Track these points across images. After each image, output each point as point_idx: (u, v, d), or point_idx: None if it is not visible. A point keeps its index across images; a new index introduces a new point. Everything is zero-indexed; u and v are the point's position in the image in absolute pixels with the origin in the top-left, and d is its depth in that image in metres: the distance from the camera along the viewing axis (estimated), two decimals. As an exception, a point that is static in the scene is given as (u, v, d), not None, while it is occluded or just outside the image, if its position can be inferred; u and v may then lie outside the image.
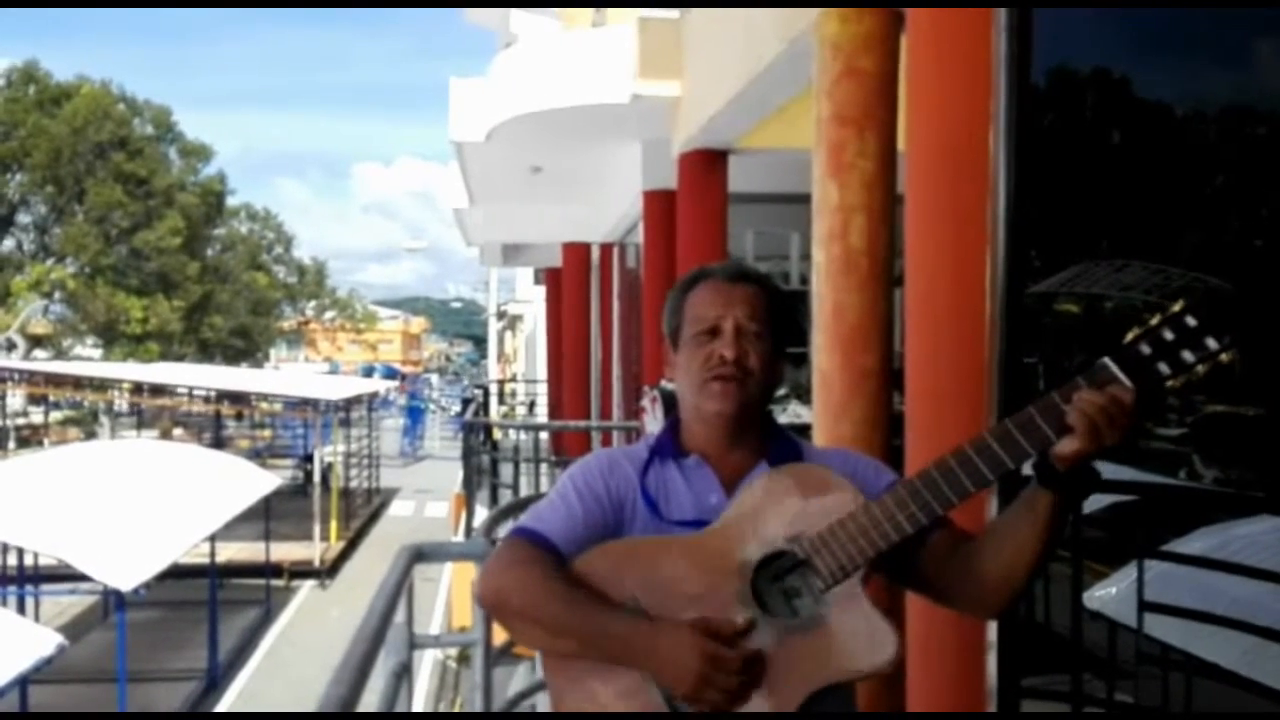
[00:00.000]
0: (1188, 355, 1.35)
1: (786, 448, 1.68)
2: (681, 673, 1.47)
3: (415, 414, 40.81)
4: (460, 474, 14.35)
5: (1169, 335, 1.35)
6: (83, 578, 10.60)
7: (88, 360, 34.54)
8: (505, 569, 1.58)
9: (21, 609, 12.87)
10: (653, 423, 5.60)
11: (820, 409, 4.19)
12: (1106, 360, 1.38)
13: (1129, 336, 1.38)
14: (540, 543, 1.60)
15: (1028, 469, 1.49)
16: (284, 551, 18.63)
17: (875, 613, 1.48)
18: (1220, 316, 1.34)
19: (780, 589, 1.53)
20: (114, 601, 12.43)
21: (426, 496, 26.96)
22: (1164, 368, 1.36)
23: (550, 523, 1.62)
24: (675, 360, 1.69)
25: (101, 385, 24.44)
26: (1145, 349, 1.36)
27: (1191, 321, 1.34)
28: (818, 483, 1.55)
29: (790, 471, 1.58)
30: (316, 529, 19.33)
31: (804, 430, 4.57)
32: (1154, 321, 1.36)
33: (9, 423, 28.62)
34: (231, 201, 43.67)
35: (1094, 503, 4.31)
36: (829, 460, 1.65)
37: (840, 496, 1.53)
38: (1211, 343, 1.34)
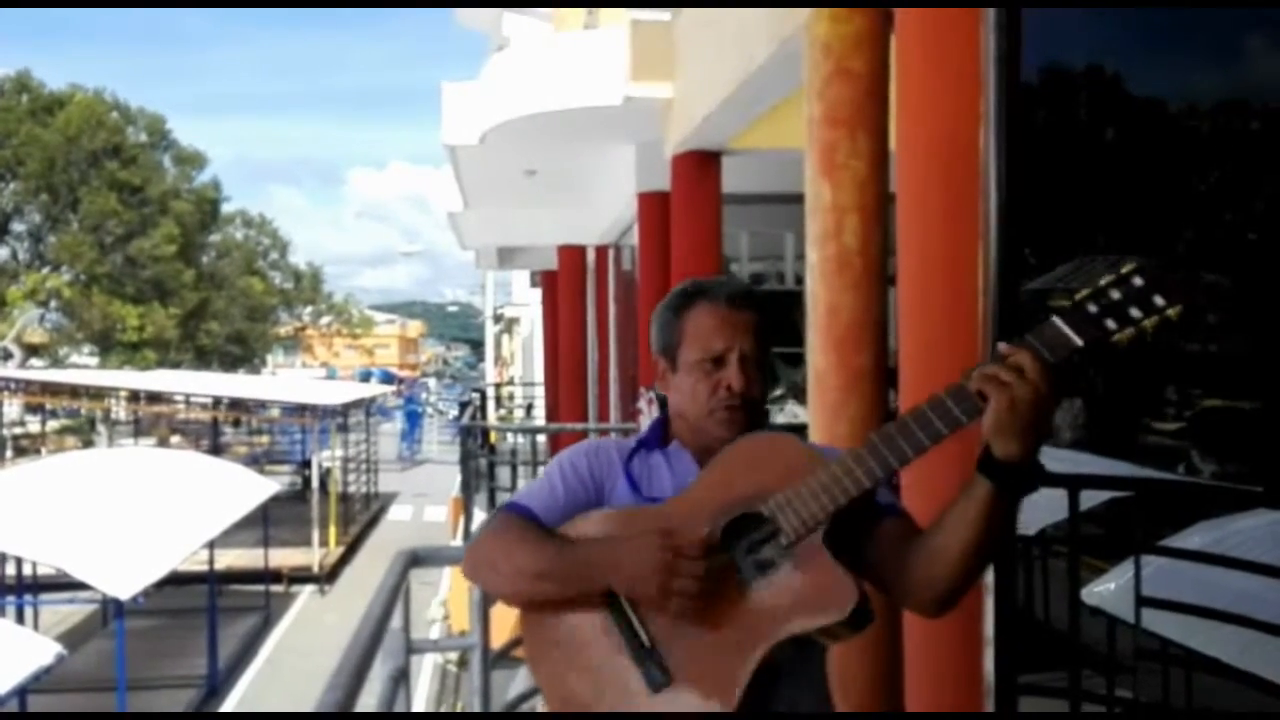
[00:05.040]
0: (1135, 311, 1.39)
1: None
2: (644, 570, 1.52)
3: (413, 418, 40.81)
4: (458, 478, 14.35)
5: (1116, 295, 1.40)
6: (82, 586, 10.58)
7: (84, 368, 34.47)
8: (488, 535, 1.68)
9: (20, 618, 12.87)
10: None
11: (816, 408, 4.19)
12: (1055, 319, 1.42)
13: (1078, 296, 1.42)
14: (522, 513, 1.69)
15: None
16: (283, 557, 18.60)
17: (838, 566, 1.52)
18: (1168, 278, 1.39)
19: (754, 561, 1.57)
20: (113, 609, 12.41)
21: (425, 500, 26.94)
22: (1111, 323, 1.40)
23: (532, 498, 1.72)
24: (672, 380, 1.72)
25: (98, 393, 24.39)
26: (1092, 308, 1.41)
27: (1139, 281, 1.39)
28: (780, 448, 1.60)
29: (754, 439, 1.63)
30: (315, 534, 19.31)
31: (800, 430, 4.57)
32: (1103, 282, 1.41)
33: (6, 432, 28.55)
34: (226, 208, 43.63)
35: (1092, 498, 4.33)
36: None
37: (801, 459, 1.57)
38: (1159, 300, 1.38)
